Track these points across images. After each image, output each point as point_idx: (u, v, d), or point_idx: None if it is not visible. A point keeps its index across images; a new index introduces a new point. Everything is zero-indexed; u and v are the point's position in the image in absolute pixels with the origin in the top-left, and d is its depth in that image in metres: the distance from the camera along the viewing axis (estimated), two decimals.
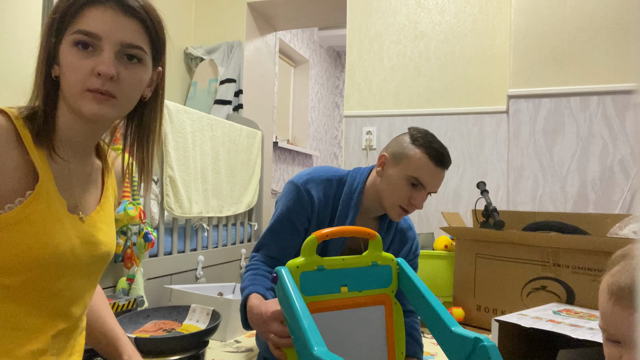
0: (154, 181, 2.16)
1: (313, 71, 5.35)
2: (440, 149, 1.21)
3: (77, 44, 0.68)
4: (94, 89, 0.68)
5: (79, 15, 0.68)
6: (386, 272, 0.94)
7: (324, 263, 0.87)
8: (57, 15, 0.69)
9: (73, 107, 0.70)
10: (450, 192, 2.66)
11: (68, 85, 0.69)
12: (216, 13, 3.29)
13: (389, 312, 0.94)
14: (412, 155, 1.20)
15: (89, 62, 0.68)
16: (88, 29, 0.67)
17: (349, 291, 0.89)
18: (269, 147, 3.57)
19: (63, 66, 0.69)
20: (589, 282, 1.71)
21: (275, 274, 0.82)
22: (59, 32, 0.69)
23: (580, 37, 2.34)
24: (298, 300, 0.76)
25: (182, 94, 3.22)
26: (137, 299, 1.61)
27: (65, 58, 0.68)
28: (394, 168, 1.23)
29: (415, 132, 1.24)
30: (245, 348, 1.63)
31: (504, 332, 1.37)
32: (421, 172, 1.20)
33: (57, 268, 0.74)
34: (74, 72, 0.68)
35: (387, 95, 2.81)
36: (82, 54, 0.68)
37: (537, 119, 2.42)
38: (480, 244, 2.00)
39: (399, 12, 2.79)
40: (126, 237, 1.70)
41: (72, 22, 0.68)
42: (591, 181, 2.31)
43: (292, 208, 1.24)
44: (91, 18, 0.68)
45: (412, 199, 1.22)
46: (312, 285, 0.85)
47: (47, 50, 0.70)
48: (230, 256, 2.51)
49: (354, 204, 1.27)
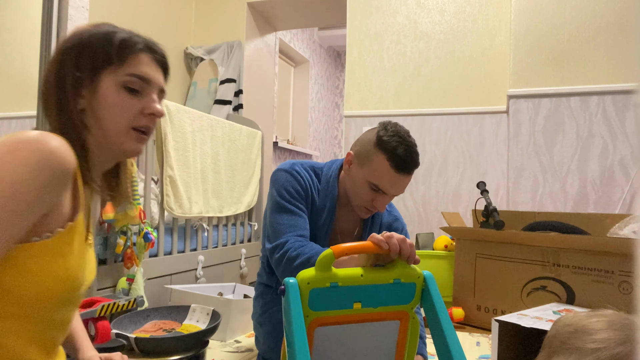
0: (154, 181, 2.16)
1: (313, 71, 5.35)
2: (405, 155, 1.15)
3: (127, 86, 0.72)
4: (142, 127, 0.74)
5: (129, 59, 0.73)
6: (408, 290, 0.84)
7: (338, 279, 0.78)
8: (90, 51, 0.71)
9: (113, 142, 0.73)
10: (450, 192, 2.66)
11: (112, 123, 0.72)
12: (216, 13, 3.29)
13: (404, 327, 0.86)
14: (374, 161, 1.17)
15: (137, 103, 0.73)
16: (142, 74, 0.73)
17: (363, 307, 0.81)
18: (269, 147, 3.57)
19: (106, 104, 0.71)
20: (589, 282, 1.71)
21: (284, 285, 0.76)
22: (95, 69, 0.71)
23: (580, 37, 2.34)
24: (297, 320, 0.72)
25: (182, 94, 3.22)
26: (137, 299, 1.61)
27: (112, 97, 0.71)
28: (357, 170, 1.22)
29: (382, 131, 1.19)
30: (245, 348, 1.63)
31: (504, 332, 1.37)
32: (381, 180, 1.17)
33: (67, 299, 0.72)
34: (122, 111, 0.72)
35: (387, 95, 2.81)
36: (130, 95, 0.73)
37: (537, 119, 2.42)
38: (480, 244, 2.00)
39: (399, 12, 2.79)
40: (126, 237, 1.70)
41: (121, 65, 0.72)
42: (591, 181, 2.31)
43: (291, 191, 1.24)
44: (142, 65, 0.74)
45: (374, 201, 1.21)
46: (321, 301, 0.78)
47: (74, 83, 0.71)
48: (230, 256, 2.51)
49: (330, 194, 1.27)
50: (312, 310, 0.78)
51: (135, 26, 0.77)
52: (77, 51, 0.71)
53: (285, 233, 1.18)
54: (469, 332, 1.89)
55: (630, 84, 2.24)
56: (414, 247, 0.83)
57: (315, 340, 0.80)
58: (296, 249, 1.12)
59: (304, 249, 1.11)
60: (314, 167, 1.33)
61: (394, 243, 0.80)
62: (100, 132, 0.72)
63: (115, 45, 0.72)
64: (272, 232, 1.21)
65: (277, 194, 1.25)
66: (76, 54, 0.71)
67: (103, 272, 1.69)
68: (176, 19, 3.16)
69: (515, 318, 1.38)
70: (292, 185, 1.24)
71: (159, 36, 3.05)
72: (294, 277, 0.77)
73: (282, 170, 1.27)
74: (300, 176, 1.26)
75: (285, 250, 1.14)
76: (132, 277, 1.69)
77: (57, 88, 0.71)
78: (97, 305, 1.46)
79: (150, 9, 2.90)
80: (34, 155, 0.61)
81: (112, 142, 0.73)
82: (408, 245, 0.81)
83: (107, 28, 0.74)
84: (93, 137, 0.73)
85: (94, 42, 0.72)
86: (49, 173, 0.62)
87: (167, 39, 3.09)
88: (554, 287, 1.79)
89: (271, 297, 1.38)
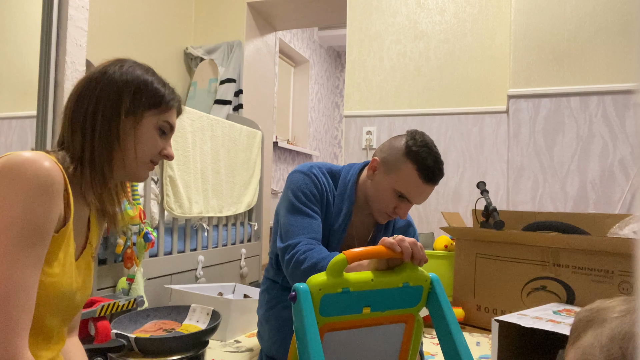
0: (154, 181, 2.16)
1: (313, 71, 5.35)
2: (433, 166, 1.17)
3: (160, 129, 0.87)
4: (155, 162, 0.89)
5: (168, 110, 0.87)
6: (416, 293, 0.84)
7: (350, 285, 0.78)
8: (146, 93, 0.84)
9: (131, 167, 0.85)
10: (450, 192, 2.66)
11: (140, 154, 0.85)
12: (216, 13, 3.29)
13: (409, 329, 0.86)
14: (403, 170, 1.18)
15: (161, 144, 0.88)
16: (172, 123, 0.89)
17: (372, 311, 0.81)
18: (269, 147, 3.57)
19: (142, 138, 0.84)
20: (589, 282, 1.71)
21: (295, 292, 0.76)
22: (145, 109, 0.84)
23: (580, 37, 2.34)
24: (310, 327, 0.72)
25: (182, 94, 3.22)
26: (137, 299, 1.61)
27: (147, 134, 0.85)
28: (384, 177, 1.22)
29: (411, 141, 1.20)
30: (245, 348, 1.63)
31: (504, 332, 1.37)
32: (409, 189, 1.18)
33: (51, 306, 0.76)
34: (151, 147, 0.86)
35: (387, 95, 2.81)
36: (160, 136, 0.88)
37: (537, 119, 2.42)
38: (480, 244, 2.00)
39: (399, 12, 2.79)
40: (126, 237, 1.70)
41: (164, 112, 0.87)
42: (591, 181, 2.31)
43: (307, 193, 1.25)
44: (173, 116, 0.90)
45: (397, 208, 1.22)
46: (332, 307, 0.78)
47: (125, 111, 0.82)
48: (230, 256, 2.51)
49: (347, 197, 1.28)
50: (323, 317, 0.77)
51: (135, 26, 0.78)
52: (135, 87, 0.83)
53: (298, 235, 1.19)
54: (469, 332, 1.89)
55: (630, 84, 2.24)
56: (424, 250, 0.84)
57: (324, 345, 0.80)
58: (305, 252, 1.13)
59: (312, 253, 1.12)
60: (332, 170, 1.34)
61: (406, 246, 0.81)
62: (128, 155, 0.83)
63: (165, 98, 0.86)
64: (285, 233, 1.22)
65: (292, 195, 1.26)
66: (135, 90, 0.83)
67: (103, 272, 1.69)
68: (176, 19, 3.16)
69: (515, 318, 1.38)
70: (309, 187, 1.25)
71: (159, 36, 3.06)
72: (305, 283, 0.76)
73: (299, 172, 1.28)
74: (317, 179, 1.27)
75: (295, 252, 1.15)
76: (132, 277, 1.69)
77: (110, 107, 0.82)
78: (97, 305, 1.46)
79: (150, 9, 2.90)
80: (32, 183, 0.69)
81: (131, 166, 0.85)
82: (419, 248, 0.82)
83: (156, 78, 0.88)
84: (119, 158, 0.84)
85: (150, 86, 0.85)
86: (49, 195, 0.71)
87: (167, 39, 3.09)
88: (554, 287, 1.79)
89: (277, 293, 1.39)
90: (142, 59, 0.91)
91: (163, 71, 0.92)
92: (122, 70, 0.84)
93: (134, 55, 0.93)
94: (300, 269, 1.12)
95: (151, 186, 2.01)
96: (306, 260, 1.11)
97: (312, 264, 1.09)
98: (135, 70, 0.86)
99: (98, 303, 1.47)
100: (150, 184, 1.93)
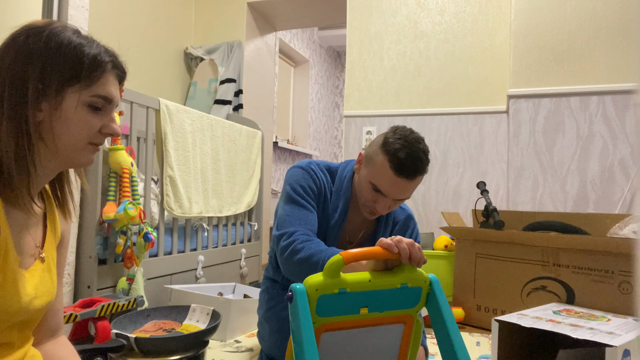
0: (154, 181, 2.16)
1: (313, 71, 5.35)
2: (405, 158, 1.14)
3: (92, 105, 0.71)
4: (97, 143, 0.74)
5: (96, 80, 0.71)
6: (415, 294, 0.83)
7: (347, 285, 0.77)
8: (58, 66, 0.68)
9: (67, 156, 0.72)
10: (450, 192, 2.66)
11: (71, 138, 0.71)
12: (216, 13, 3.29)
13: (408, 330, 0.86)
14: (377, 162, 1.18)
15: (98, 121, 0.73)
16: (107, 95, 0.73)
17: (369, 312, 0.80)
18: (269, 147, 3.57)
19: (67, 120, 0.70)
20: (589, 282, 1.71)
21: (291, 292, 0.75)
22: (61, 85, 0.69)
23: (580, 37, 2.34)
24: (306, 328, 0.72)
25: (182, 94, 3.22)
26: (137, 299, 1.61)
27: (74, 114, 0.70)
28: (364, 169, 1.23)
29: (391, 134, 1.20)
30: (245, 348, 1.63)
31: (504, 332, 1.37)
32: (380, 180, 1.17)
33: (4, 325, 0.69)
34: (83, 128, 0.71)
35: (387, 95, 2.81)
36: (92, 113, 0.72)
37: (537, 118, 2.42)
38: (480, 244, 2.00)
39: (399, 12, 2.79)
40: (126, 237, 1.71)
41: (88, 85, 0.70)
42: (591, 181, 2.31)
43: (305, 187, 1.26)
44: (107, 85, 0.73)
45: (375, 203, 1.22)
46: (329, 307, 0.77)
47: (36, 94, 0.67)
48: (230, 256, 2.51)
49: (344, 193, 1.29)
50: (319, 317, 0.77)
51: (135, 26, 0.77)
52: (43, 62, 0.67)
53: (294, 225, 1.19)
54: (469, 332, 1.89)
55: (630, 84, 2.24)
56: (422, 251, 0.83)
57: (321, 345, 0.80)
58: (303, 242, 1.13)
59: (310, 244, 1.12)
60: (330, 167, 1.36)
61: (404, 247, 0.81)
62: (56, 144, 0.70)
63: (85, 65, 0.69)
64: (281, 222, 1.23)
65: (290, 188, 1.27)
66: (43, 65, 0.67)
67: (103, 272, 1.69)
68: (176, 19, 3.16)
69: (515, 318, 1.38)
70: (307, 182, 1.27)
71: (159, 36, 3.07)
72: (301, 283, 0.76)
73: (298, 167, 1.31)
74: (315, 175, 1.29)
75: (292, 241, 1.15)
76: (132, 277, 1.69)
77: (15, 93, 0.67)
78: (97, 305, 1.46)
79: (150, 9, 2.90)
80: None
81: (66, 155, 0.72)
82: (417, 249, 0.82)
83: (75, 40, 0.70)
84: (46, 149, 0.71)
85: (63, 56, 0.68)
86: None
87: (167, 39, 3.09)
88: (554, 287, 1.79)
89: (276, 292, 1.39)
90: (142, 59, 0.90)
91: (163, 71, 0.90)
92: (28, 39, 0.68)
93: (134, 55, 0.92)
94: (295, 258, 1.12)
95: (151, 186, 2.01)
96: (303, 250, 1.11)
97: (308, 255, 1.09)
98: (45, 34, 0.68)
99: (98, 303, 1.48)
100: (150, 184, 1.93)
